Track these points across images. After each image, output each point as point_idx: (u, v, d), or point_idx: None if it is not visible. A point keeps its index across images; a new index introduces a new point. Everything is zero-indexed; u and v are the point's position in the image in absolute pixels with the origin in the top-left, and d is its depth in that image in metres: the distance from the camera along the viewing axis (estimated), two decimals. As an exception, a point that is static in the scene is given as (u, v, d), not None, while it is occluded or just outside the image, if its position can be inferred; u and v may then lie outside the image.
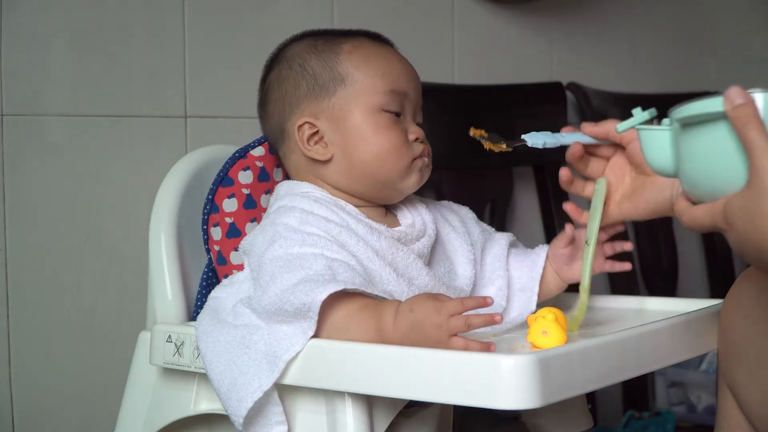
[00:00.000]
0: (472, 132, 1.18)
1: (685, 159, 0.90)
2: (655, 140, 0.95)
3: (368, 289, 1.02)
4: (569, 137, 1.17)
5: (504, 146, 1.18)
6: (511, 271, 1.24)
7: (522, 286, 1.23)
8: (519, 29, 2.01)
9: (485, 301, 0.96)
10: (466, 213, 1.29)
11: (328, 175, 1.16)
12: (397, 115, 1.16)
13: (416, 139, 1.17)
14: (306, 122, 1.16)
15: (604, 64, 2.15)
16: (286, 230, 1.08)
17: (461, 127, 1.79)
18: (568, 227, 1.21)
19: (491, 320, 0.95)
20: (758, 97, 0.84)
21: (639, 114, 1.00)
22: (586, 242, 1.14)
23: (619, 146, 1.16)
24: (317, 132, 1.16)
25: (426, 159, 1.18)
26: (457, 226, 1.24)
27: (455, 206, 1.29)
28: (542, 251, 1.24)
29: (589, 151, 1.18)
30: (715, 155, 0.85)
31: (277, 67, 1.20)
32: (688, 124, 0.88)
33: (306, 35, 1.22)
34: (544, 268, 1.23)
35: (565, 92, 1.99)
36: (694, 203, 0.91)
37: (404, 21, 1.81)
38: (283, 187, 1.18)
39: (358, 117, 1.14)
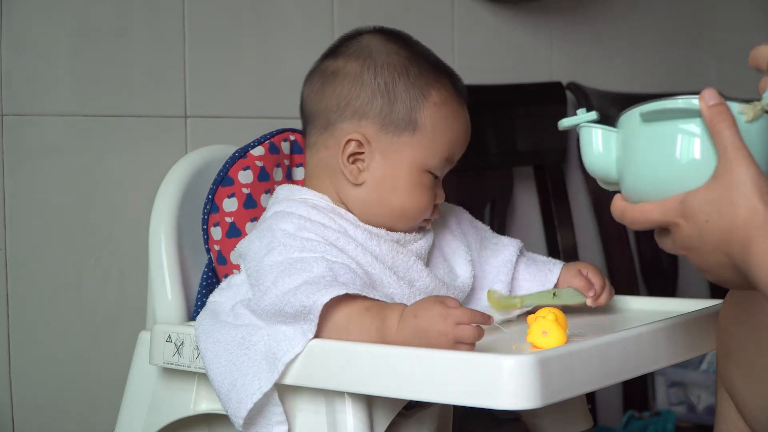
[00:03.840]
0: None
1: (636, 157, 0.91)
2: (599, 139, 0.95)
3: (370, 294, 1.01)
4: None
5: None
6: (520, 282, 1.23)
7: None
8: (519, 29, 2.01)
9: (489, 320, 0.95)
10: (460, 213, 1.28)
11: (346, 193, 1.14)
12: (436, 177, 1.15)
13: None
14: (357, 140, 1.12)
15: (604, 64, 2.15)
16: (284, 236, 1.07)
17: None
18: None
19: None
20: (732, 105, 0.88)
21: (583, 114, 1.01)
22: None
23: None
24: (361, 154, 1.12)
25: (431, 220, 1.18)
26: (454, 228, 1.23)
27: (449, 206, 1.27)
28: (556, 268, 1.23)
29: None
30: (680, 151, 0.88)
31: (359, 62, 1.13)
32: (652, 120, 0.90)
33: (396, 39, 1.17)
34: (555, 286, 1.22)
35: (565, 92, 1.99)
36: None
37: (404, 21, 1.80)
38: (283, 191, 1.17)
39: (405, 168, 1.12)
